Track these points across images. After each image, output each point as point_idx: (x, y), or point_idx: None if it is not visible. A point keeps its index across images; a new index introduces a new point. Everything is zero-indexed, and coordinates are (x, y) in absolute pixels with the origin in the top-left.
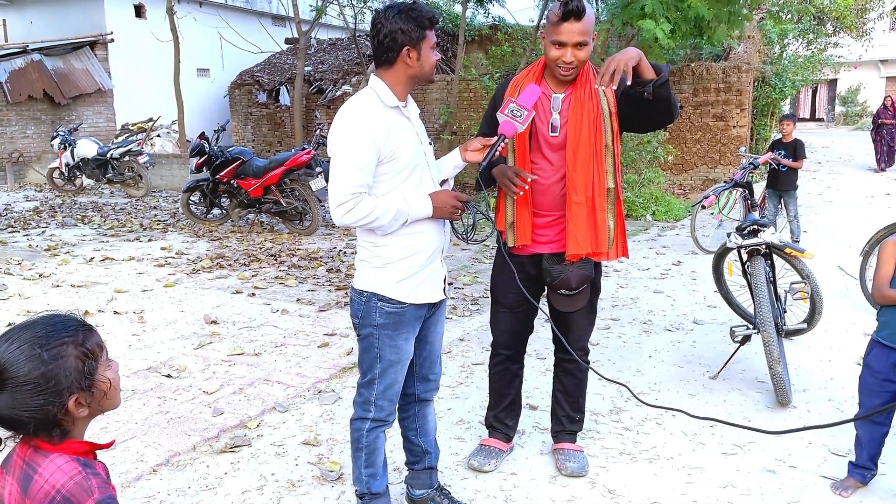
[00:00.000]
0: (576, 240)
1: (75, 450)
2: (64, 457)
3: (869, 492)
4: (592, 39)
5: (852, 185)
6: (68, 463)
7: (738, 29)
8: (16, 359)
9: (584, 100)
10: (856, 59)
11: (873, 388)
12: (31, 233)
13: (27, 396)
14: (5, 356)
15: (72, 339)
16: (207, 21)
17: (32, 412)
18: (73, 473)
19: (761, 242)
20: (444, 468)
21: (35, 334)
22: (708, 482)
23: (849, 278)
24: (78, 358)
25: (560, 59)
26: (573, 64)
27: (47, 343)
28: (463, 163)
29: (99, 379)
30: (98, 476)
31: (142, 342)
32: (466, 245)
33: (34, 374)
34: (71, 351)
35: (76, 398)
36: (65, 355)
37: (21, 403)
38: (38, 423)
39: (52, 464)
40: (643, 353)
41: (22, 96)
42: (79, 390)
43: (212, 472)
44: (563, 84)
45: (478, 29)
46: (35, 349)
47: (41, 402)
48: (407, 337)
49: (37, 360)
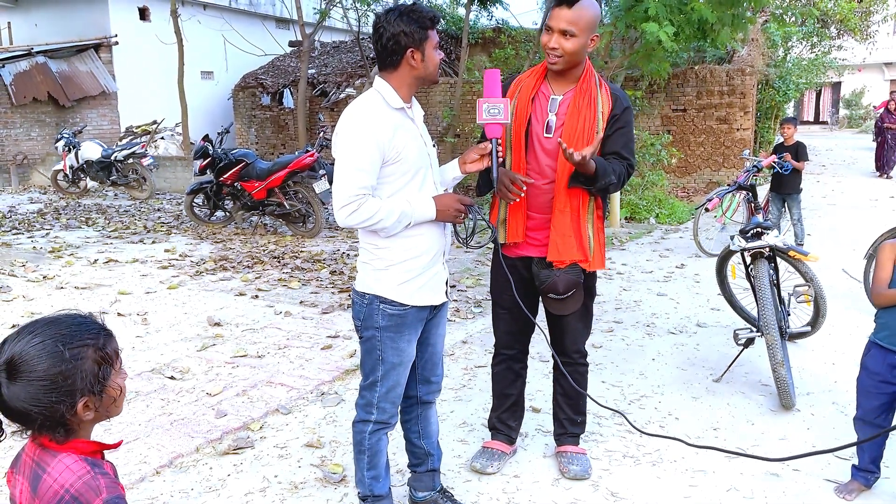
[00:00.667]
0: (556, 246)
1: (83, 449)
2: (73, 456)
3: (872, 495)
4: (593, 41)
5: (856, 188)
6: (77, 462)
7: (742, 32)
8: (38, 352)
9: (581, 107)
10: (860, 62)
11: (870, 389)
12: (35, 235)
13: (40, 391)
14: (27, 349)
15: (93, 341)
16: (211, 24)
17: (42, 408)
18: (82, 473)
19: (765, 245)
20: (447, 470)
21: (59, 331)
22: (711, 485)
23: (853, 281)
24: (96, 361)
25: (546, 43)
26: (557, 51)
27: (70, 342)
28: (462, 174)
29: (111, 385)
30: (106, 475)
31: (145, 344)
32: (467, 249)
33: (52, 371)
34: (91, 353)
35: (86, 401)
36: (84, 357)
37: (32, 397)
38: (44, 420)
39: (61, 463)
40: (646, 356)
41: (26, 98)
42: (90, 393)
43: (215, 473)
44: (563, 86)
45: (481, 32)
46: (58, 346)
47: (52, 399)
48: (409, 339)
49: (57, 357)
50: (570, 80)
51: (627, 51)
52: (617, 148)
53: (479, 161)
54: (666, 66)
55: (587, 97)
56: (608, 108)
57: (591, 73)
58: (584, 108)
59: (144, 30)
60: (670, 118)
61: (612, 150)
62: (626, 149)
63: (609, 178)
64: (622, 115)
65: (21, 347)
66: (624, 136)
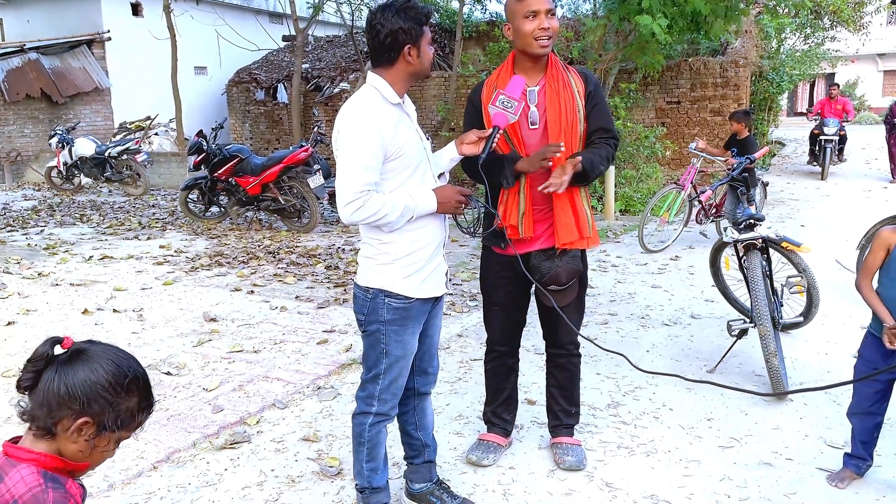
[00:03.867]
0: (567, 227)
1: (45, 464)
2: (31, 468)
3: (865, 483)
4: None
5: (849, 179)
6: (32, 475)
7: (736, 24)
8: (108, 358)
9: (559, 90)
10: (853, 54)
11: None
12: (30, 232)
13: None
14: (104, 350)
15: (146, 396)
16: (204, 19)
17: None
18: (33, 485)
19: (757, 237)
20: (443, 463)
21: (135, 365)
22: (705, 475)
23: (845, 272)
24: (128, 407)
25: (537, 27)
26: (550, 31)
27: (134, 376)
28: (459, 156)
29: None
30: (58, 490)
31: (141, 340)
32: (469, 239)
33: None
34: (134, 397)
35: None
36: (130, 395)
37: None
38: (48, 411)
39: (18, 474)
40: (641, 348)
41: (19, 95)
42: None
43: (212, 468)
44: (534, 76)
45: (475, 25)
46: (124, 369)
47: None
48: (413, 332)
49: (120, 375)
50: (539, 69)
51: (621, 44)
52: (600, 123)
53: (476, 143)
54: (660, 58)
55: (561, 82)
56: (582, 88)
57: (555, 57)
58: (562, 92)
59: (137, 25)
60: (664, 110)
61: (596, 127)
62: (608, 122)
63: (599, 168)
64: (595, 92)
65: (101, 348)
66: (602, 111)
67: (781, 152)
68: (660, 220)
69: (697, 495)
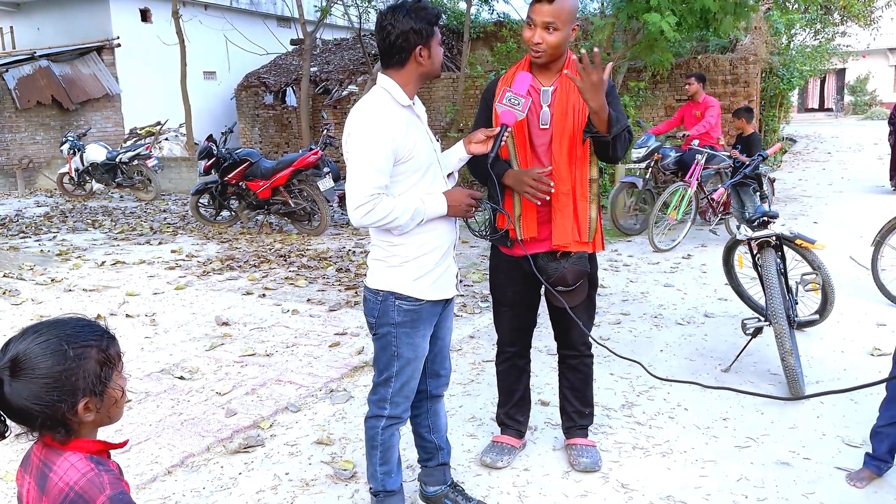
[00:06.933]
0: (563, 230)
1: (88, 448)
2: (77, 454)
3: (884, 483)
4: (573, 31)
5: (862, 175)
6: (81, 461)
7: (745, 20)
8: (42, 351)
9: (569, 91)
10: (864, 48)
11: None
12: (43, 238)
13: (42, 390)
14: (31, 347)
15: (97, 342)
16: (213, 24)
17: (43, 406)
18: (86, 470)
19: (771, 234)
20: (457, 465)
21: (63, 331)
22: (722, 475)
23: (860, 268)
24: (98, 362)
25: (530, 38)
26: (541, 46)
27: (74, 342)
28: (468, 155)
29: (112, 386)
30: (110, 472)
31: (154, 345)
32: (480, 241)
33: (55, 369)
34: (94, 354)
35: (87, 401)
36: (87, 357)
37: (34, 395)
38: (45, 419)
39: (66, 461)
40: (654, 348)
41: (31, 103)
42: (91, 394)
43: (226, 472)
44: (549, 77)
45: (483, 26)
46: (62, 345)
47: (54, 398)
48: (424, 334)
49: (61, 356)
50: (554, 70)
51: (630, 42)
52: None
53: (484, 143)
54: (669, 56)
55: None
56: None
57: (573, 60)
58: (572, 91)
59: (146, 31)
60: (674, 108)
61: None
62: (622, 118)
63: (620, 124)
64: (609, 93)
65: (25, 346)
66: (615, 108)
67: (793, 148)
68: (668, 218)
69: (714, 496)
